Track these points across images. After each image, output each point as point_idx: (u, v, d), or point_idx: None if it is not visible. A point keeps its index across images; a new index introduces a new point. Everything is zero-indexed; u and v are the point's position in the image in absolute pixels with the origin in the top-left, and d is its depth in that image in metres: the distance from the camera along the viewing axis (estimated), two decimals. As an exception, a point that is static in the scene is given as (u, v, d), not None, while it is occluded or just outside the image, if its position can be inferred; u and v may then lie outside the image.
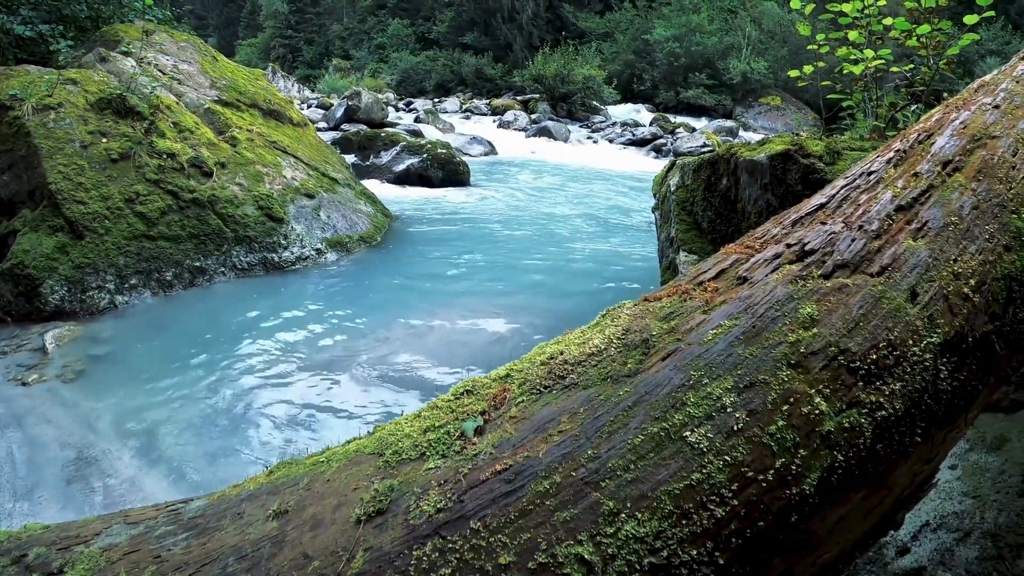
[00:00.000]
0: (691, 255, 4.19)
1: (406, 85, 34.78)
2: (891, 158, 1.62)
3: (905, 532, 2.11)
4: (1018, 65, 1.91)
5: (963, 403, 1.31)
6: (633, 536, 1.06)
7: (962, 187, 1.49)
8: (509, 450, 1.18)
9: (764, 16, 29.64)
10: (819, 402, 1.17)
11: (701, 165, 4.48)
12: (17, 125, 5.48)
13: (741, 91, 27.46)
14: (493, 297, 5.87)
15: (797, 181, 3.44)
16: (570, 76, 25.28)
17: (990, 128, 1.63)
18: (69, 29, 7.67)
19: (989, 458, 2.24)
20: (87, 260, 5.25)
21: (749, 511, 1.10)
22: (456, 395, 1.36)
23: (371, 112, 16.97)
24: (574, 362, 1.31)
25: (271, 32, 47.30)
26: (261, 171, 6.77)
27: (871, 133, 4.09)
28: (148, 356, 4.57)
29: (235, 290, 5.91)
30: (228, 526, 1.23)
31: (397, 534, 1.11)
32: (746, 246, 1.50)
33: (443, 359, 4.59)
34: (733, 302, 1.32)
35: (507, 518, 1.09)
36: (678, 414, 1.16)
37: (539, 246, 7.82)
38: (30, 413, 3.82)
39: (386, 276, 6.47)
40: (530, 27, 35.46)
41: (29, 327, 4.90)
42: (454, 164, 11.63)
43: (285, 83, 27.15)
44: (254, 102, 7.83)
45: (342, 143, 12.07)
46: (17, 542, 1.29)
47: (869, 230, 1.40)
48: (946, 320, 1.30)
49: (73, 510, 3.01)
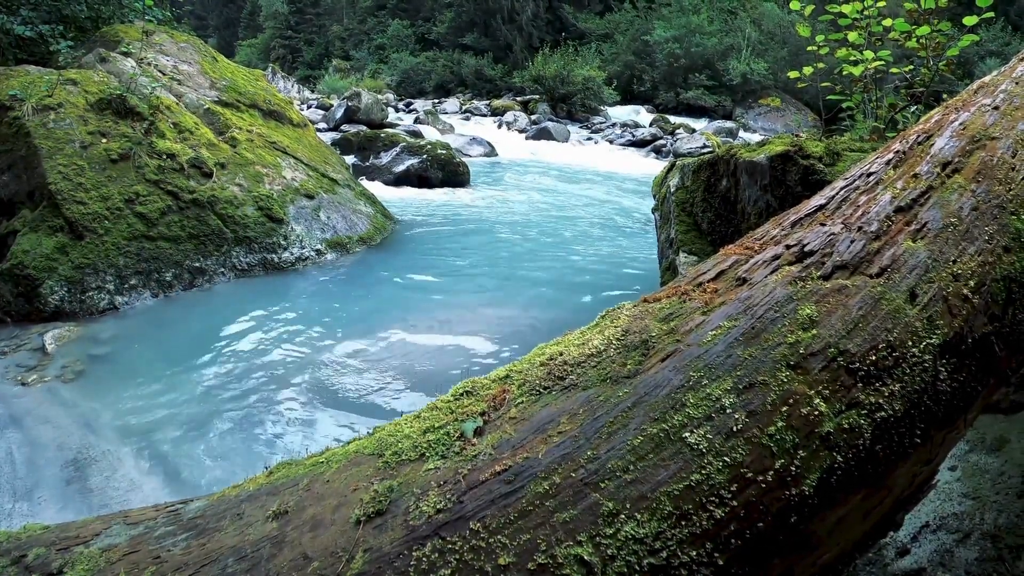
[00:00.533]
0: (691, 256, 4.19)
1: (406, 86, 34.79)
2: (890, 159, 1.63)
3: (905, 533, 2.11)
4: (1017, 66, 1.91)
5: (962, 404, 1.31)
6: (632, 537, 1.06)
7: (961, 188, 1.49)
8: (509, 451, 1.18)
9: (764, 17, 29.66)
10: (818, 403, 1.17)
11: (701, 166, 4.49)
12: (17, 125, 5.48)
13: (741, 92, 27.47)
14: (493, 298, 5.88)
15: (797, 182, 3.44)
16: (570, 77, 25.29)
17: (989, 129, 1.63)
18: (69, 29, 7.67)
19: (989, 459, 2.24)
20: (87, 260, 5.25)
21: (748, 512, 1.10)
22: (456, 396, 1.36)
23: (371, 113, 16.98)
24: (574, 363, 1.31)
25: (271, 33, 47.31)
26: (261, 172, 6.77)
27: (871, 134, 4.09)
28: (148, 357, 4.57)
29: (235, 291, 5.91)
30: (228, 527, 1.23)
31: (397, 535, 1.11)
32: (745, 247, 1.50)
33: (442, 360, 4.59)
34: (732, 303, 1.32)
35: (507, 519, 1.09)
36: (677, 415, 1.16)
37: (539, 247, 7.83)
38: (29, 413, 3.82)
39: (386, 277, 6.46)
40: (530, 28, 35.46)
41: (29, 327, 4.90)
42: (454, 165, 11.63)
43: (285, 84, 27.16)
44: (254, 103, 7.83)
45: (342, 144, 12.06)
46: (17, 542, 1.29)
47: (868, 231, 1.40)
48: (945, 321, 1.30)
49: (72, 510, 3.00)
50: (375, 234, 7.55)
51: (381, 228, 7.79)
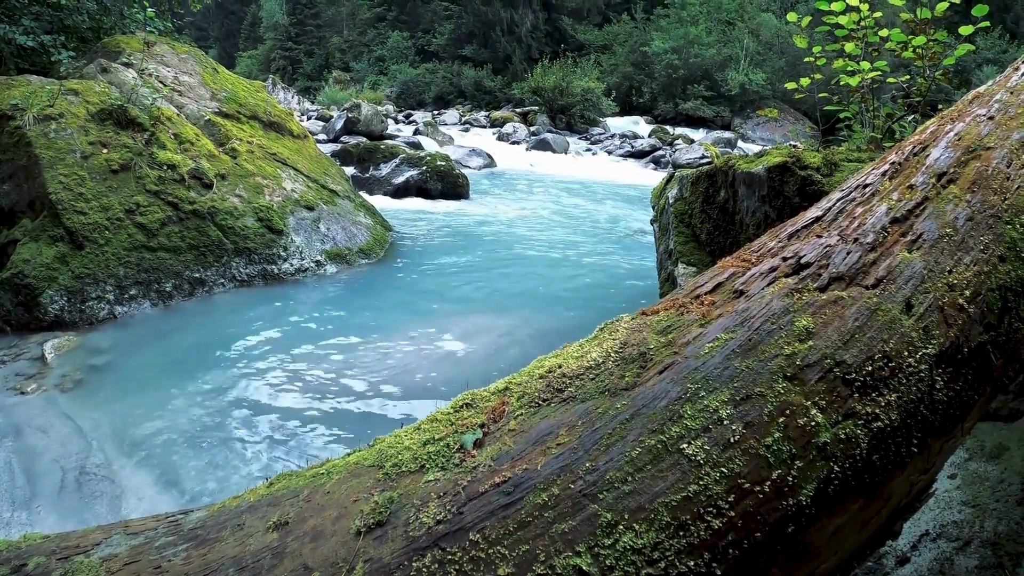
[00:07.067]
0: (689, 267, 4.20)
1: (405, 97, 34.93)
2: (886, 170, 1.64)
3: (904, 542, 2.11)
4: (1012, 76, 1.92)
5: (959, 413, 1.32)
6: (631, 547, 1.07)
7: (957, 199, 1.50)
8: (508, 462, 1.18)
9: (761, 28, 29.83)
10: (815, 414, 1.17)
11: (699, 177, 4.50)
12: (18, 135, 5.50)
13: (739, 102, 27.61)
14: (491, 310, 5.88)
15: (795, 193, 3.45)
16: (569, 88, 25.42)
17: (984, 139, 1.64)
18: (71, 40, 7.70)
19: (988, 467, 2.24)
20: (87, 270, 5.26)
21: (746, 522, 1.10)
22: (455, 408, 1.37)
23: (370, 124, 17.04)
24: (572, 375, 1.31)
25: (271, 44, 47.51)
26: (261, 183, 6.79)
27: (868, 144, 4.11)
28: (147, 366, 4.57)
29: (234, 301, 5.91)
30: (228, 537, 1.23)
31: (397, 546, 1.11)
32: (743, 259, 1.51)
33: (442, 372, 4.59)
34: (730, 315, 1.33)
35: (506, 530, 1.09)
36: (675, 426, 1.17)
37: (537, 259, 7.84)
38: (29, 422, 3.82)
39: (385, 288, 6.47)
40: (529, 39, 35.64)
41: (28, 336, 4.91)
42: (453, 176, 11.66)
43: (285, 95, 27.27)
44: (254, 114, 7.86)
45: (341, 155, 12.10)
46: (16, 551, 1.30)
47: (864, 242, 1.41)
48: (941, 331, 1.30)
49: (72, 520, 3.00)
50: (375, 245, 7.56)
51: (381, 239, 7.81)
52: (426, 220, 9.71)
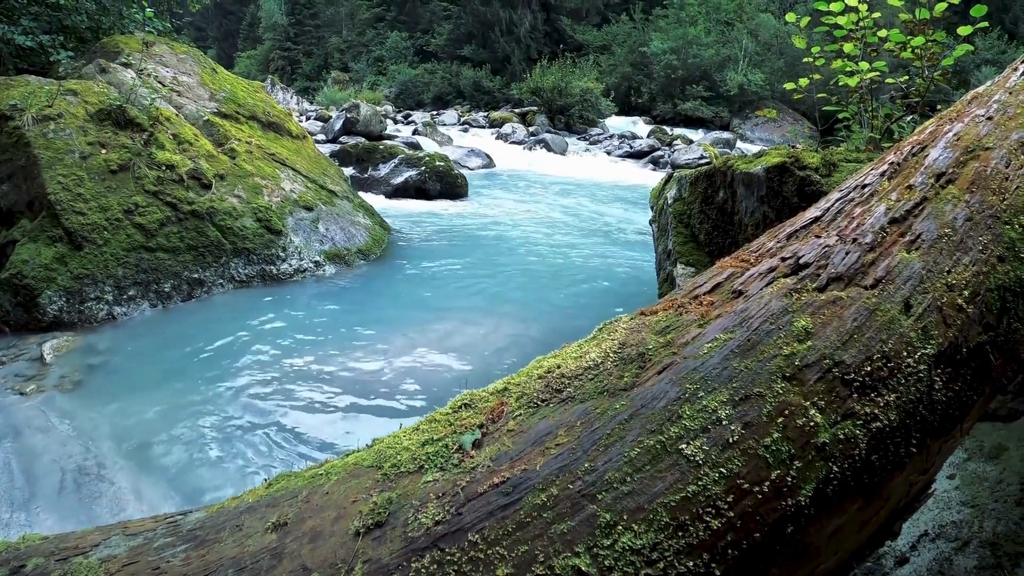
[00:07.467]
0: (688, 267, 4.20)
1: (404, 97, 34.91)
2: (885, 171, 1.64)
3: (903, 542, 2.11)
4: (1011, 76, 1.92)
5: (958, 413, 1.32)
6: (630, 548, 1.07)
7: (955, 199, 1.50)
8: (507, 463, 1.18)
9: (760, 28, 29.84)
10: (814, 414, 1.17)
11: (698, 178, 4.51)
12: (17, 135, 5.50)
13: (738, 103, 27.61)
14: (490, 310, 5.88)
15: (793, 193, 3.45)
16: (568, 89, 25.40)
17: (983, 140, 1.64)
18: (69, 40, 7.70)
19: (987, 467, 2.25)
20: (85, 271, 5.25)
21: (745, 522, 1.10)
22: (454, 408, 1.37)
23: (369, 124, 17.04)
24: (571, 376, 1.31)
25: (270, 44, 47.47)
26: (260, 183, 6.79)
27: (867, 144, 4.11)
28: (146, 367, 4.56)
29: (233, 302, 5.91)
30: (227, 538, 1.23)
31: (395, 546, 1.11)
32: (741, 260, 1.51)
33: (441, 372, 4.59)
34: (728, 315, 1.33)
35: (505, 530, 1.09)
36: (674, 427, 1.17)
37: (536, 259, 7.84)
38: (28, 423, 3.81)
39: (384, 289, 6.47)
40: (528, 40, 35.62)
41: (27, 337, 4.90)
42: (452, 177, 11.65)
43: (284, 95, 27.24)
44: (253, 114, 7.86)
45: (340, 155, 12.10)
46: (15, 552, 1.29)
47: (863, 243, 1.41)
48: (940, 331, 1.30)
49: (71, 521, 3.00)
50: (373, 246, 7.55)
51: (379, 240, 7.80)
52: (425, 220, 9.71)
